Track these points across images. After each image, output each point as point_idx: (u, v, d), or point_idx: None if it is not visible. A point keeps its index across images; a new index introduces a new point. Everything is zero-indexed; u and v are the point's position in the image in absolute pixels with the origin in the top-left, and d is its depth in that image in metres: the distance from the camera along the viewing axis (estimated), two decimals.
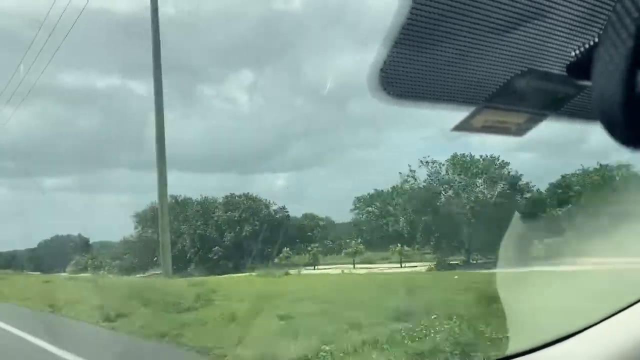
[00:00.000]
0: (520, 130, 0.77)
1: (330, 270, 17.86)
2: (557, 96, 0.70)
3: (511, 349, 1.86)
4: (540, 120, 0.75)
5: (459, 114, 0.72)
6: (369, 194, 23.47)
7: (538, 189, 19.02)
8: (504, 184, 18.06)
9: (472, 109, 0.70)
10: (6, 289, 14.52)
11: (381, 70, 0.60)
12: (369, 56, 0.60)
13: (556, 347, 1.46)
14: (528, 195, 18.85)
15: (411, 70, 0.62)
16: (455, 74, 0.65)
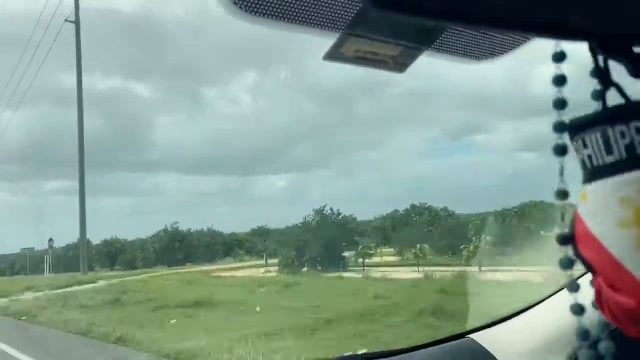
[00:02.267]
0: (398, 65, 0.75)
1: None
2: (425, 28, 0.68)
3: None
4: (417, 55, 0.73)
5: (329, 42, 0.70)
6: None
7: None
8: None
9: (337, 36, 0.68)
10: None
11: None
12: None
13: (516, 319, 1.50)
14: None
15: None
16: None
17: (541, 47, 0.71)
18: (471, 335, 1.54)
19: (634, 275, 0.46)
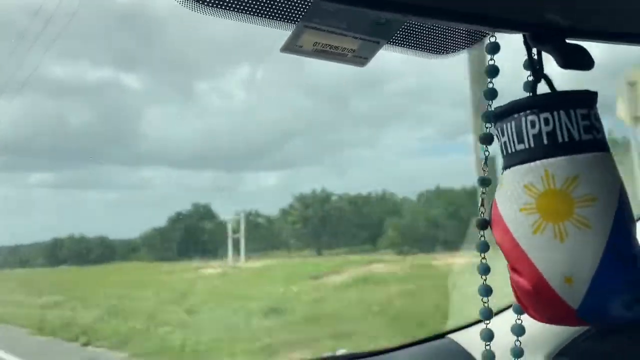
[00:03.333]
0: (358, 59, 0.75)
1: None
2: (380, 21, 0.69)
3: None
4: (376, 49, 0.74)
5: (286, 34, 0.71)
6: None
7: None
8: None
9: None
10: None
11: None
12: None
13: (495, 319, 1.50)
14: None
15: None
16: None
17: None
18: (450, 335, 1.55)
19: (529, 258, 0.49)
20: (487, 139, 0.53)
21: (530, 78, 0.50)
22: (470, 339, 1.50)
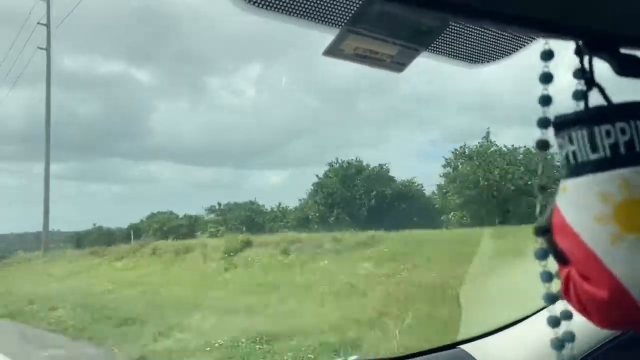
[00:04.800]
0: (396, 65, 0.77)
1: None
2: (422, 28, 0.70)
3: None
4: (414, 56, 0.75)
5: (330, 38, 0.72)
6: None
7: None
8: None
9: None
10: None
11: None
12: None
13: (507, 331, 1.50)
14: None
15: None
16: None
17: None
18: (462, 346, 1.54)
19: (608, 269, 0.48)
20: (544, 145, 0.53)
21: (581, 86, 0.51)
22: (482, 350, 1.49)
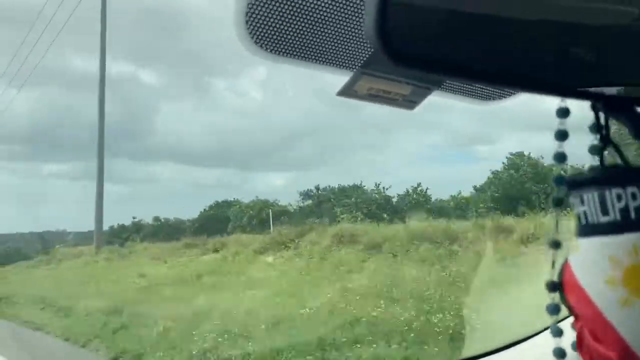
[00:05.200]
0: (408, 103, 0.78)
1: None
2: None
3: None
4: (426, 94, 0.77)
5: (343, 80, 0.74)
6: None
7: None
8: None
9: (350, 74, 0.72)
10: None
11: (248, 16, 0.62)
12: None
13: (510, 350, 1.50)
14: None
15: (283, 22, 0.64)
16: (333, 33, 0.67)
17: None
18: None
19: (617, 331, 0.49)
20: (558, 202, 0.54)
21: (597, 142, 0.52)
22: None
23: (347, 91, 0.75)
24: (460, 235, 10.31)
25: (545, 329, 1.37)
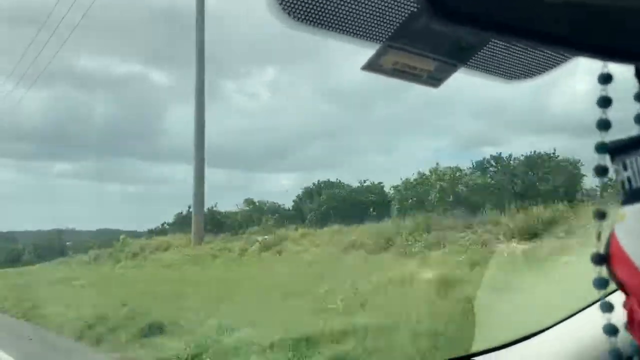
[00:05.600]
0: (432, 80, 0.77)
1: None
2: (462, 45, 0.71)
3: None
4: (451, 71, 0.75)
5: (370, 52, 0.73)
6: None
7: None
8: None
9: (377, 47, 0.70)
10: None
11: None
12: None
13: (524, 343, 1.48)
14: None
15: None
16: (363, 2, 0.66)
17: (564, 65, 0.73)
18: (477, 358, 1.53)
19: None
20: (602, 171, 0.52)
21: None
22: None
23: (372, 65, 0.74)
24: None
25: (567, 317, 1.34)
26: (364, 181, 25.70)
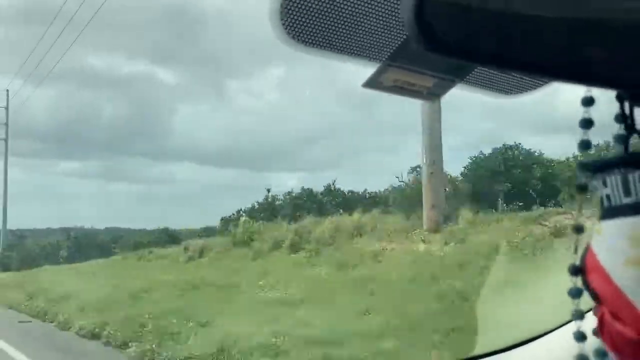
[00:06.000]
0: (431, 95, 0.81)
1: None
2: (458, 63, 0.74)
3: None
4: (449, 87, 0.79)
5: (369, 71, 0.76)
6: None
7: None
8: None
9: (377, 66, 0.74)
10: None
11: (282, 9, 0.64)
12: None
13: (522, 348, 1.50)
14: None
15: (315, 14, 0.66)
16: (364, 25, 0.70)
17: None
18: None
19: (637, 309, 0.51)
20: (582, 188, 0.55)
21: (622, 131, 0.53)
22: None
23: (373, 82, 0.77)
24: None
25: (564, 324, 1.37)
26: None
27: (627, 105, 0.53)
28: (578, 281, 0.56)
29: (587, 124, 0.54)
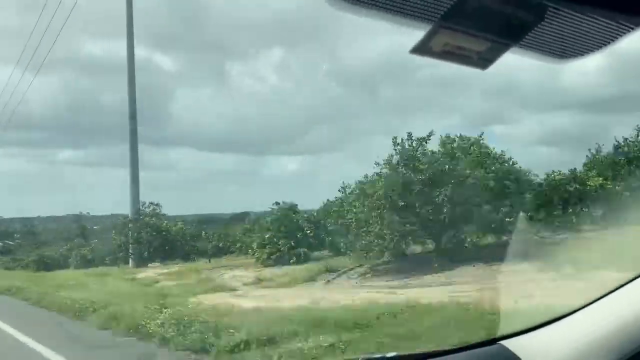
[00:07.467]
0: (482, 61, 0.75)
1: None
2: (515, 22, 0.68)
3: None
4: (503, 51, 0.73)
5: (419, 35, 0.70)
6: None
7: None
8: None
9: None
10: None
11: None
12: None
13: (551, 327, 1.46)
14: None
15: None
16: None
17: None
18: (502, 342, 1.52)
19: None
20: None
21: None
22: (524, 347, 1.46)
23: (422, 47, 0.71)
24: None
25: (598, 298, 1.32)
26: None
27: None
28: None
29: None
